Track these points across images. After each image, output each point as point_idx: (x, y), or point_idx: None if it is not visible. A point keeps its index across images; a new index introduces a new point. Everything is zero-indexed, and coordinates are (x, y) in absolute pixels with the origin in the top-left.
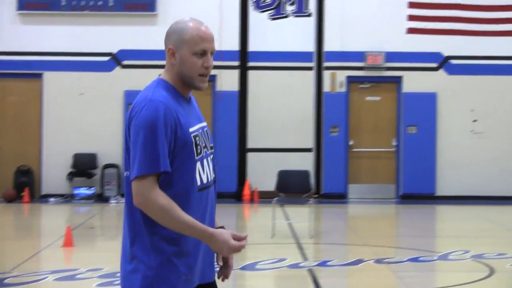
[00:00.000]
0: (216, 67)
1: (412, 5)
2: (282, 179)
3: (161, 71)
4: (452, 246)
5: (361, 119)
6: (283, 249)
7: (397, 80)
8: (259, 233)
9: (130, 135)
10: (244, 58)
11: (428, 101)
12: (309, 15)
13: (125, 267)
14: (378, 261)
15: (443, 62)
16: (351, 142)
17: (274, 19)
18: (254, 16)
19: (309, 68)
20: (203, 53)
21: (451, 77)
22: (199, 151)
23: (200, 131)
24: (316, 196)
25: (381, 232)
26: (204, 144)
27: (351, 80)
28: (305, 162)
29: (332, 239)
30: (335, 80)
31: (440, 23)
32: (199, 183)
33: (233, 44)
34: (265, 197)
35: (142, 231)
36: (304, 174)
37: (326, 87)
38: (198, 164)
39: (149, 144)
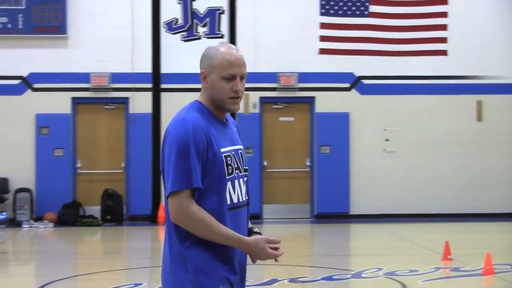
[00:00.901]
0: (128, 89)
1: (323, 26)
2: None
3: (73, 94)
4: (366, 264)
5: (275, 140)
6: None
7: (310, 101)
8: None
9: (164, 154)
10: (157, 80)
11: (341, 121)
12: (221, 37)
13: (164, 282)
14: (293, 280)
15: (355, 82)
16: (265, 163)
17: (186, 41)
18: (166, 37)
19: None
20: (231, 78)
21: (363, 97)
22: (230, 171)
23: (233, 152)
24: None
25: (296, 252)
26: (236, 166)
27: (264, 101)
28: None
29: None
30: (249, 101)
31: (352, 44)
32: (229, 202)
33: (146, 66)
34: None
35: (176, 245)
36: None
37: (240, 108)
38: (229, 184)
39: (181, 160)
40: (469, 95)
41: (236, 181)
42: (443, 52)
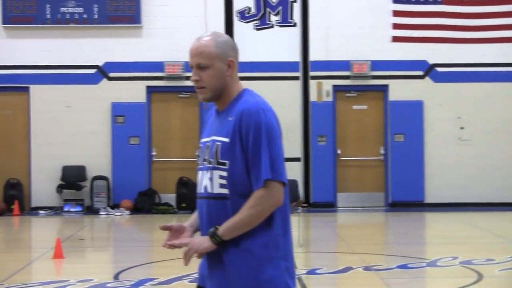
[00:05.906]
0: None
1: (396, 14)
2: None
3: (147, 82)
4: (441, 253)
5: (348, 128)
6: None
7: (383, 89)
8: None
9: None
10: None
11: (415, 109)
12: (294, 25)
13: None
14: (367, 268)
15: (429, 70)
16: (338, 151)
17: (259, 29)
18: (239, 26)
19: (295, 78)
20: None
21: (437, 85)
22: (199, 162)
23: (209, 143)
24: (305, 205)
25: (370, 240)
26: (205, 157)
27: (337, 89)
28: (293, 172)
29: (321, 247)
30: (322, 90)
31: (425, 31)
32: (197, 191)
33: None
34: None
35: None
36: (292, 183)
37: (313, 97)
38: (199, 174)
39: None
40: None
41: (201, 172)
42: None
